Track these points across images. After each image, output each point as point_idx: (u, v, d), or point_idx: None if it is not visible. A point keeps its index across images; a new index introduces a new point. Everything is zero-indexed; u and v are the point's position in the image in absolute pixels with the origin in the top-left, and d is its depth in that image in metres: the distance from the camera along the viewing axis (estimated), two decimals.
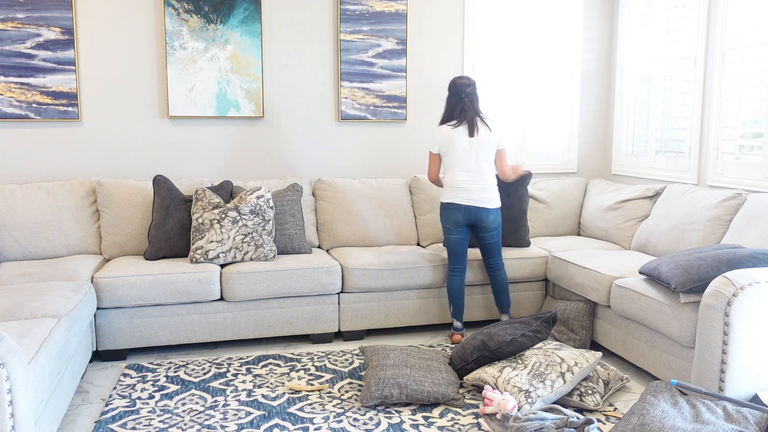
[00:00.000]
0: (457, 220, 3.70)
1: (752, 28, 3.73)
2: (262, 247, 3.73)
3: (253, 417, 2.82)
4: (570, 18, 4.95)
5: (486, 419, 2.72)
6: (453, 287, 3.80)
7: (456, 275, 3.80)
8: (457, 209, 3.69)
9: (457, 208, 3.69)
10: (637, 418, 2.40)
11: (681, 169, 4.32)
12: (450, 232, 3.76)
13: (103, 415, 2.84)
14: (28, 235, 3.76)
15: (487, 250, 3.81)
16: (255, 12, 4.31)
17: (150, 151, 4.30)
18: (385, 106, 4.64)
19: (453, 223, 3.72)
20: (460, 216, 3.69)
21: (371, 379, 2.93)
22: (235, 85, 4.34)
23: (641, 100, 4.76)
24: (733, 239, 3.43)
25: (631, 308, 3.25)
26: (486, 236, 3.76)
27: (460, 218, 3.69)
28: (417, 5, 4.64)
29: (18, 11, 3.97)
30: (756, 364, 2.65)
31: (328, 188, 4.34)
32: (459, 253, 3.78)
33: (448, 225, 3.74)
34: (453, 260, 3.81)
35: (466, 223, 3.71)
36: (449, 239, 3.78)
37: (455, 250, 3.78)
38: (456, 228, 3.73)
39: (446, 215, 3.74)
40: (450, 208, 3.72)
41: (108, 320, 3.46)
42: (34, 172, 4.13)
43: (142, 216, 3.94)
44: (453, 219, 3.71)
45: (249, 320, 3.67)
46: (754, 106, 3.73)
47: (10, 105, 4.03)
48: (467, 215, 3.68)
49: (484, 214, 3.68)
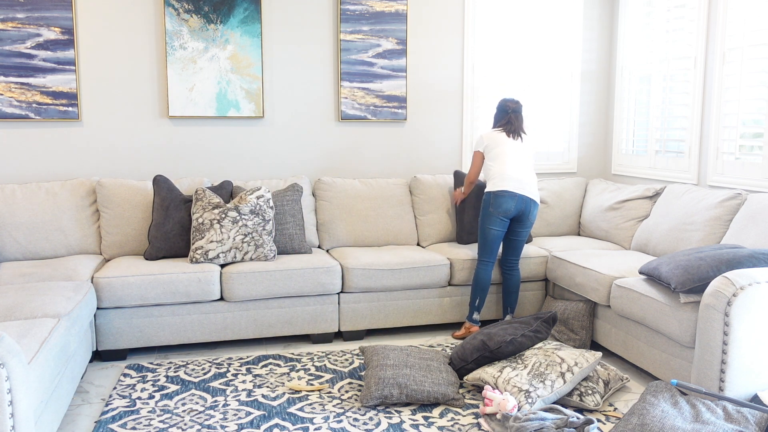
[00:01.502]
0: (508, 209, 3.70)
1: (752, 28, 3.73)
2: (262, 247, 3.73)
3: (253, 417, 2.82)
4: (570, 18, 4.95)
5: (486, 419, 2.72)
6: (484, 279, 3.81)
7: (487, 266, 3.82)
8: (511, 197, 3.69)
9: (511, 196, 3.69)
10: (637, 418, 2.40)
11: (681, 169, 4.32)
12: (494, 223, 3.74)
13: (103, 415, 2.84)
14: (28, 235, 3.76)
15: (516, 246, 3.85)
16: (255, 12, 4.31)
17: (150, 151, 4.30)
18: (385, 106, 4.64)
19: (504, 212, 3.71)
20: (512, 204, 3.69)
21: (371, 379, 2.93)
22: (235, 85, 4.34)
23: (641, 100, 4.76)
24: (733, 239, 3.43)
25: (631, 308, 3.25)
26: (522, 232, 3.81)
27: (512, 207, 3.70)
28: (417, 5, 4.64)
29: (18, 11, 3.97)
30: (756, 364, 2.65)
31: (328, 188, 4.34)
32: (496, 245, 3.80)
33: (498, 214, 3.71)
34: (488, 252, 3.80)
35: (515, 213, 3.73)
36: (490, 230, 3.76)
37: (494, 242, 3.78)
38: (504, 218, 3.73)
39: (497, 203, 3.70)
40: (503, 196, 3.70)
41: (108, 320, 3.46)
42: (34, 172, 4.14)
43: (142, 216, 3.94)
44: (505, 207, 3.70)
45: (249, 320, 3.67)
46: (754, 106, 3.73)
47: (10, 105, 4.03)
48: (519, 205, 3.71)
49: (532, 206, 3.75)
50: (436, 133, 4.79)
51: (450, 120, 4.81)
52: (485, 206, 3.77)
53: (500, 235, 3.78)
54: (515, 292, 3.91)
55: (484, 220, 3.78)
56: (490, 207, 3.74)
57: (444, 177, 4.54)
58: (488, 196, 3.76)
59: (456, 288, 4.01)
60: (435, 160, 4.82)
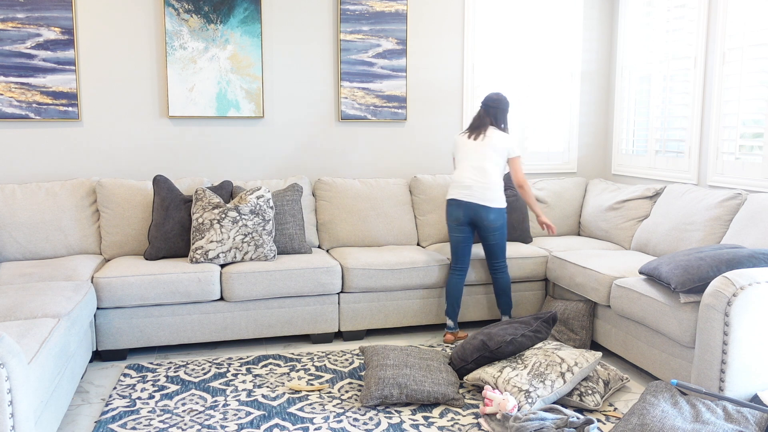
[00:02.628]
0: (458, 217, 3.73)
1: (752, 28, 3.73)
2: (262, 247, 3.73)
3: (253, 417, 2.82)
4: (570, 18, 4.95)
5: (486, 419, 2.72)
6: (450, 286, 3.81)
7: (455, 274, 3.81)
8: (457, 205, 3.73)
9: (457, 204, 3.72)
10: (637, 418, 2.40)
11: (681, 169, 4.32)
12: (452, 230, 3.78)
13: (103, 415, 2.84)
14: (28, 235, 3.76)
15: (490, 251, 3.81)
16: (255, 12, 4.31)
17: (150, 151, 4.30)
18: (385, 106, 4.64)
19: (455, 220, 3.75)
20: (460, 213, 3.71)
21: (371, 379, 2.93)
22: (235, 85, 4.34)
23: (641, 100, 4.76)
24: (733, 239, 3.43)
25: (631, 308, 3.25)
26: (488, 236, 3.76)
27: (460, 215, 3.72)
28: (417, 5, 4.64)
29: (18, 11, 3.97)
30: (756, 364, 2.65)
31: (328, 188, 4.34)
32: (460, 252, 3.79)
33: (450, 222, 3.77)
34: (454, 259, 3.82)
35: (467, 221, 3.72)
36: (451, 237, 3.81)
37: (456, 249, 3.79)
38: (458, 226, 3.74)
39: (449, 212, 3.78)
40: (452, 204, 3.76)
41: (108, 320, 3.46)
42: (34, 172, 4.14)
43: (142, 216, 3.94)
44: (454, 216, 3.74)
45: (249, 320, 3.67)
46: (754, 106, 3.73)
47: (10, 105, 4.03)
48: (467, 212, 3.70)
49: (484, 212, 3.68)
50: (436, 133, 4.79)
51: (450, 120, 4.81)
52: (445, 214, 3.86)
53: (462, 241, 3.77)
54: (505, 295, 3.86)
55: (447, 228, 3.86)
56: (446, 215, 3.83)
57: (444, 177, 4.54)
58: (446, 204, 3.83)
59: None
60: (435, 160, 4.82)
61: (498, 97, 3.84)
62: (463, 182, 3.73)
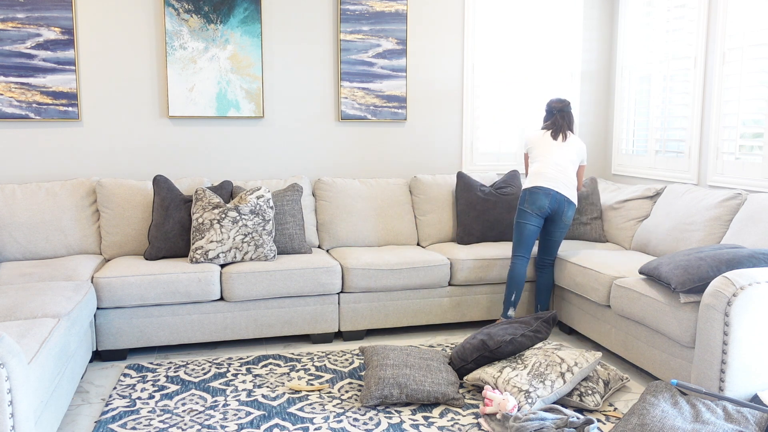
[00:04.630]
0: (542, 206, 3.74)
1: (752, 28, 3.73)
2: (262, 247, 3.73)
3: (253, 417, 2.82)
4: (570, 18, 4.95)
5: (486, 419, 2.72)
6: (518, 274, 3.82)
7: (520, 261, 3.83)
8: (545, 194, 3.74)
9: (545, 192, 3.74)
10: (637, 418, 2.40)
11: (681, 169, 4.32)
12: (528, 218, 3.78)
13: (103, 415, 2.84)
14: (28, 235, 3.76)
15: (549, 245, 3.88)
16: (255, 12, 4.31)
17: (150, 151, 4.30)
18: (385, 106, 4.64)
19: (538, 208, 3.75)
20: (546, 201, 3.74)
21: (371, 379, 2.93)
22: (235, 85, 4.34)
23: (641, 100, 4.76)
24: (733, 239, 3.43)
25: (631, 308, 3.25)
26: (555, 231, 3.82)
27: (546, 203, 3.74)
28: (417, 5, 4.64)
29: (18, 11, 3.97)
30: (756, 364, 2.65)
31: (328, 188, 4.34)
32: (529, 241, 3.81)
33: (532, 210, 3.76)
34: (521, 247, 3.82)
35: (549, 211, 3.76)
36: (524, 226, 3.79)
37: (528, 238, 3.80)
38: (537, 216, 3.76)
39: (532, 199, 3.76)
40: (537, 192, 3.76)
41: (108, 320, 3.46)
42: (34, 172, 4.14)
43: (142, 216, 3.94)
44: (539, 203, 3.75)
45: (249, 320, 3.67)
46: (754, 106, 3.73)
47: (10, 105, 4.03)
48: (553, 202, 3.74)
49: (566, 206, 3.76)
50: (436, 133, 4.79)
51: (450, 120, 4.81)
52: (521, 203, 3.84)
53: (534, 231, 3.79)
54: (545, 291, 3.94)
55: (519, 215, 3.84)
56: (525, 203, 3.80)
57: (444, 177, 4.54)
58: (524, 193, 3.83)
59: (456, 288, 4.01)
60: (435, 160, 4.82)
61: (566, 101, 3.97)
62: (549, 174, 3.77)
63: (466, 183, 4.35)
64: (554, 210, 3.76)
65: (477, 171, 4.89)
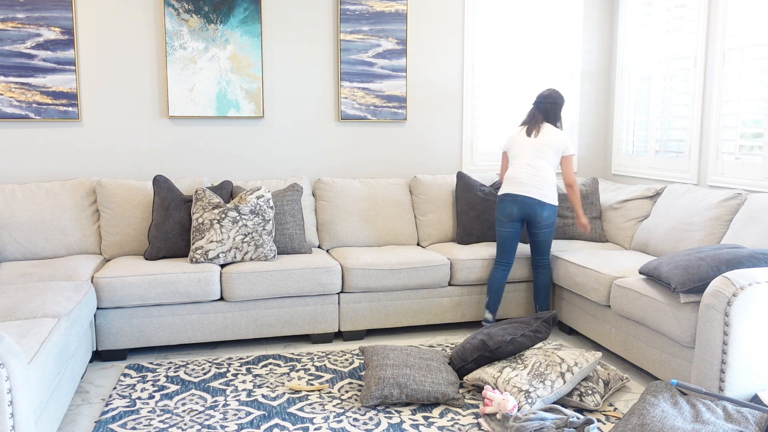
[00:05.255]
0: (511, 213, 3.75)
1: (752, 28, 3.73)
2: (262, 247, 3.73)
3: (253, 417, 2.82)
4: (570, 18, 4.95)
5: (486, 419, 2.72)
6: (494, 279, 3.83)
7: (500, 269, 3.84)
8: (512, 201, 3.74)
9: (512, 199, 3.74)
10: (637, 418, 2.40)
11: (681, 169, 4.32)
12: (502, 225, 3.80)
13: (103, 415, 2.84)
14: (28, 235, 3.76)
15: (536, 247, 3.86)
16: (255, 12, 4.31)
17: (150, 151, 4.30)
18: (385, 106, 4.64)
19: (507, 216, 3.76)
20: (515, 208, 3.73)
21: (371, 379, 2.93)
22: (235, 85, 4.34)
23: (641, 100, 4.76)
24: (733, 239, 3.43)
25: (631, 308, 3.25)
26: (538, 233, 3.80)
27: (514, 211, 3.74)
28: (417, 5, 4.64)
29: (18, 11, 3.97)
30: (756, 364, 2.65)
31: (328, 188, 4.34)
32: (507, 248, 3.82)
33: (502, 217, 3.78)
34: (500, 253, 3.84)
35: (520, 217, 3.75)
36: (499, 232, 3.82)
37: (504, 244, 3.82)
38: (509, 221, 3.77)
39: (502, 207, 3.79)
40: (506, 199, 3.77)
41: (108, 320, 3.46)
42: (34, 172, 4.14)
43: (142, 216, 3.94)
44: (507, 211, 3.76)
45: (249, 320, 3.67)
46: (754, 106, 3.73)
47: (10, 105, 4.03)
48: (522, 208, 3.72)
49: (539, 209, 3.72)
50: (436, 133, 4.79)
51: (450, 120, 4.81)
52: (496, 209, 3.85)
53: (511, 236, 3.80)
54: (542, 291, 3.93)
55: (495, 222, 3.87)
56: (497, 211, 3.83)
57: (444, 177, 4.54)
58: (498, 199, 3.85)
59: (456, 288, 4.01)
60: (435, 160, 4.82)
61: (549, 92, 3.86)
62: (518, 178, 3.75)
63: (466, 183, 4.35)
64: (526, 214, 3.74)
65: (477, 171, 4.89)
